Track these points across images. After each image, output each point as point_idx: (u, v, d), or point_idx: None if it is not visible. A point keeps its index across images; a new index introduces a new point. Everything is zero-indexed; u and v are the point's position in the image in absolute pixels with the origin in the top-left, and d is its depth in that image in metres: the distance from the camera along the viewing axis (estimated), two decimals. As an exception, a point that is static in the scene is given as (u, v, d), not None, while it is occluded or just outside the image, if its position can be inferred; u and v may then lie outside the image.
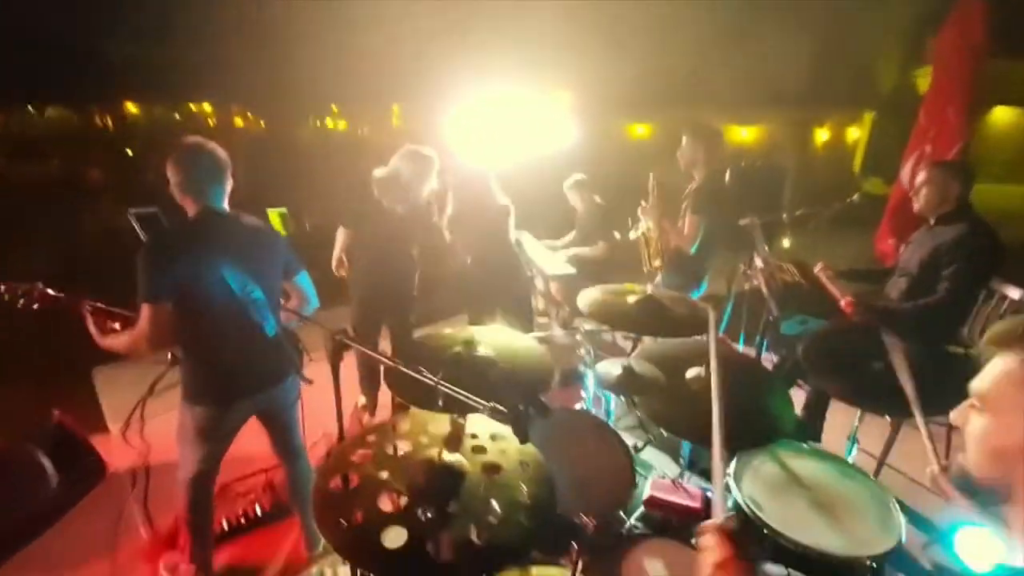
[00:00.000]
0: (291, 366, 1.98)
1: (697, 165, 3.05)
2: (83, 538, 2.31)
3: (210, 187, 1.77)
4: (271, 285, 1.87)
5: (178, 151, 1.77)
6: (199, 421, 1.83)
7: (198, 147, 1.78)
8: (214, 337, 1.79)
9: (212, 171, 1.77)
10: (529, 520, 0.97)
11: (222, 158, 1.81)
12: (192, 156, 1.76)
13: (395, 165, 2.87)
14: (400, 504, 0.95)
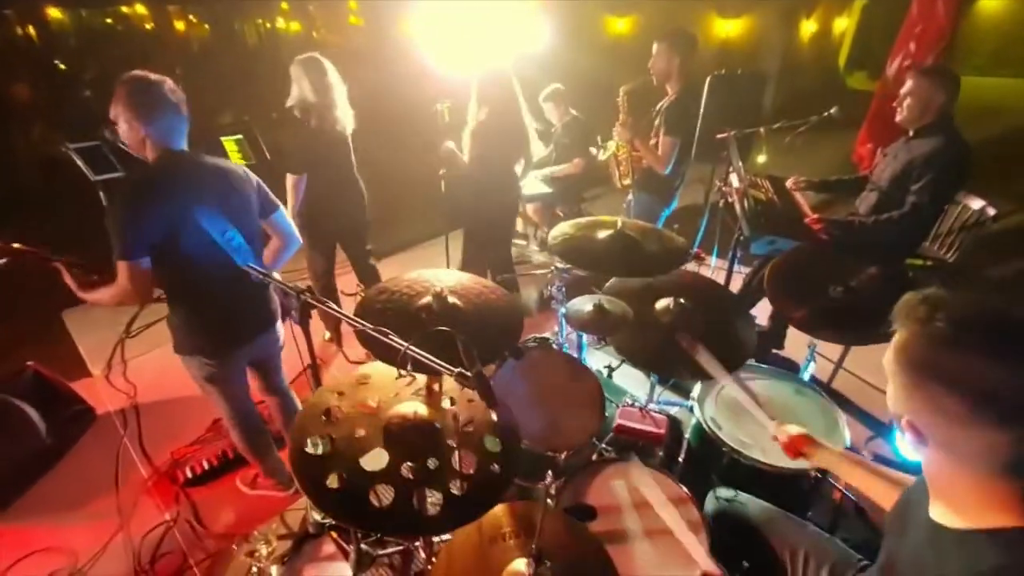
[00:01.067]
0: (278, 310, 1.97)
1: (671, 78, 2.88)
2: (84, 480, 2.41)
3: (167, 126, 1.63)
4: (250, 227, 1.79)
5: (122, 88, 1.60)
6: (201, 371, 1.84)
7: (144, 81, 1.60)
8: (200, 288, 1.74)
9: (166, 107, 1.61)
10: (501, 468, 1.03)
11: (175, 91, 1.65)
12: (140, 92, 1.59)
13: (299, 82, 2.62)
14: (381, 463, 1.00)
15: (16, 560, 2.06)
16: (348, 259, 3.21)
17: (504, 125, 2.80)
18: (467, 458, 1.04)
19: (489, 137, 2.78)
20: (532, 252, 4.48)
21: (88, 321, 3.53)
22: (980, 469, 0.75)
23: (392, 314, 1.27)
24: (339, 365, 3.21)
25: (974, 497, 0.78)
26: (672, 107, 2.90)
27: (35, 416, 2.40)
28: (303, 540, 1.94)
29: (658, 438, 1.69)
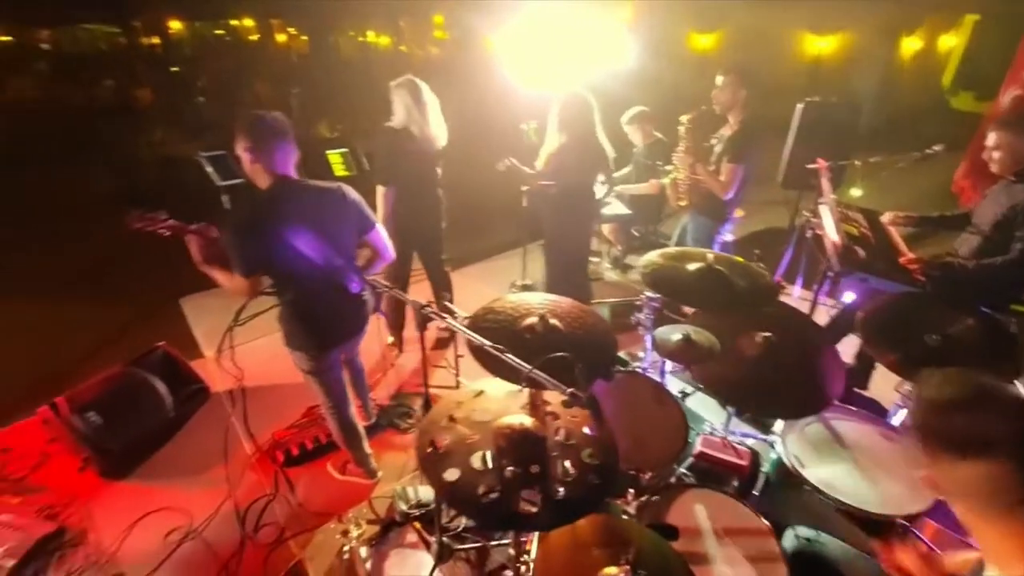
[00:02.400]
0: (369, 315, 2.18)
1: (735, 108, 2.91)
2: (198, 451, 2.72)
3: (278, 154, 1.85)
4: (348, 248, 2.00)
5: (241, 122, 1.83)
6: (302, 363, 2.09)
7: (258, 117, 1.83)
8: (303, 300, 1.98)
9: (277, 137, 1.83)
10: (598, 478, 1.13)
11: (283, 123, 1.87)
12: (255, 124, 1.82)
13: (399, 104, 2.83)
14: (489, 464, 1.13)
15: (141, 516, 2.37)
16: (423, 266, 3.40)
17: (582, 148, 2.93)
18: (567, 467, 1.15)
19: (568, 159, 2.92)
20: (605, 270, 4.54)
21: (202, 308, 3.96)
22: (996, 506, 0.82)
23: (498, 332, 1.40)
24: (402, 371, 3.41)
25: (1008, 544, 0.83)
26: (736, 137, 2.92)
27: (163, 390, 2.75)
28: (389, 527, 2.11)
29: (741, 470, 1.71)
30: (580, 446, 1.21)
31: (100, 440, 2.46)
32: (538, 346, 1.15)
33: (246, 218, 1.83)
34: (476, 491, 1.07)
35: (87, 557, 2.19)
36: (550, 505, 1.06)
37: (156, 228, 2.08)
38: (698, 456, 1.76)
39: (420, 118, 2.82)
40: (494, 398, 1.33)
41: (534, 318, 1.40)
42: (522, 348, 1.21)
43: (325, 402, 2.25)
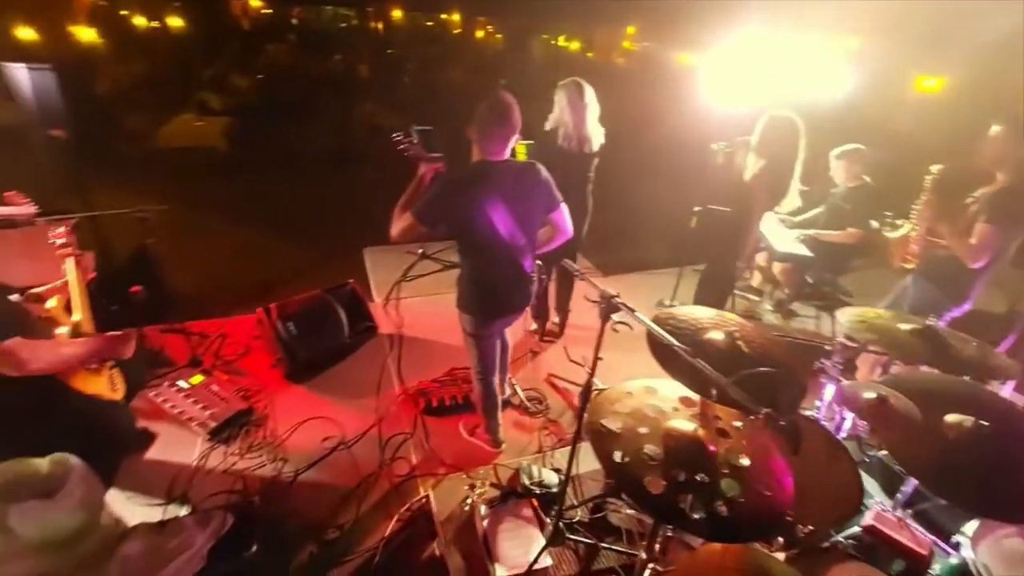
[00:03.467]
0: (533, 295, 2.31)
1: (1005, 163, 2.44)
2: (359, 378, 3.10)
3: (494, 145, 2.01)
4: (533, 228, 2.14)
5: (490, 102, 2.02)
6: (467, 325, 2.28)
7: (497, 109, 1.96)
8: (483, 268, 2.15)
9: (502, 134, 1.99)
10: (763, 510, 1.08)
11: (515, 121, 1.99)
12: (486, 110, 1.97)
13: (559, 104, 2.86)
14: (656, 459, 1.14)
15: (307, 419, 2.77)
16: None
17: (773, 179, 2.74)
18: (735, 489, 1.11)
19: (759, 189, 2.75)
20: (765, 311, 4.22)
21: (379, 260, 4.49)
22: None
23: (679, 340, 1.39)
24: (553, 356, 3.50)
25: None
26: (1001, 194, 2.46)
27: (344, 320, 3.19)
28: (508, 495, 2.22)
29: (916, 557, 1.49)
30: (750, 472, 1.16)
31: (292, 347, 2.94)
32: (717, 363, 1.13)
33: (455, 180, 2.04)
34: (642, 479, 1.09)
35: (264, 438, 2.63)
36: (712, 518, 1.04)
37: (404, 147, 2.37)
38: (867, 528, 1.57)
39: (574, 118, 2.88)
40: (665, 399, 1.34)
41: (719, 334, 1.37)
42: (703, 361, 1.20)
43: (476, 366, 2.42)
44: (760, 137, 2.83)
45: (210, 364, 3.07)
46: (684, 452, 1.14)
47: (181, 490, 2.30)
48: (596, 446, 1.17)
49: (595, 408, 1.28)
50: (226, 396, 2.78)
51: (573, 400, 3.09)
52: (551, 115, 3.00)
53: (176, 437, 2.58)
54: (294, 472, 2.45)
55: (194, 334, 3.19)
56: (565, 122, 2.91)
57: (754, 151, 2.87)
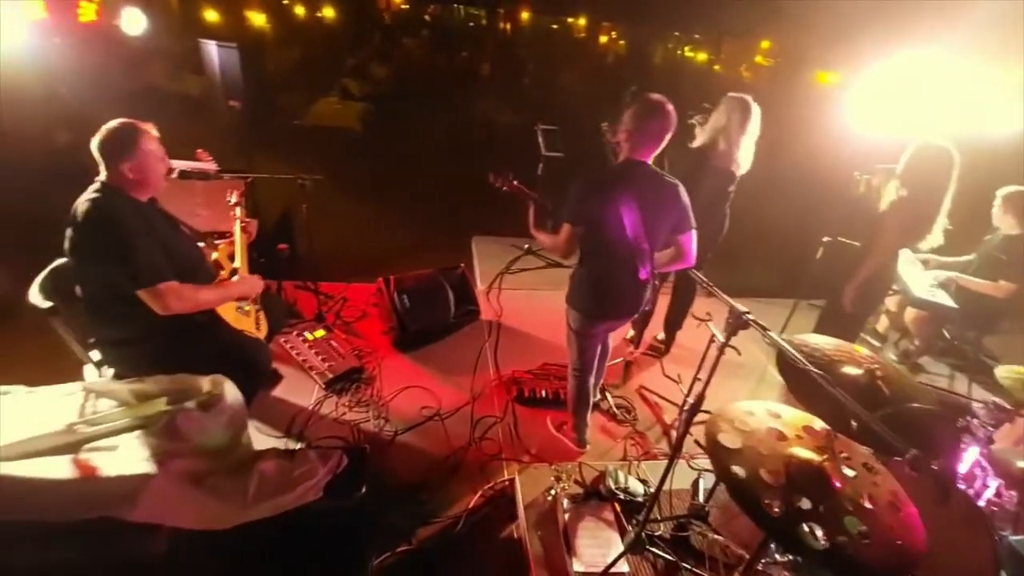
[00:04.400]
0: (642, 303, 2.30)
1: None
2: (458, 357, 3.27)
3: (647, 146, 2.06)
4: (658, 239, 2.14)
5: (642, 104, 2.06)
6: (573, 322, 2.33)
7: (657, 109, 2.01)
8: (600, 266, 2.19)
9: (657, 135, 2.03)
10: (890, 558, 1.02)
11: (670, 122, 2.03)
12: (639, 113, 2.04)
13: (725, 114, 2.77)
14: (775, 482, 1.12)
15: (409, 386, 2.97)
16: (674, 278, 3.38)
17: (915, 211, 2.48)
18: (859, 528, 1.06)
19: (896, 220, 2.51)
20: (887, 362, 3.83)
21: (486, 249, 4.67)
22: None
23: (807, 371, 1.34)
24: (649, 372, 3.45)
25: None
26: None
27: (452, 300, 3.37)
28: (591, 495, 2.24)
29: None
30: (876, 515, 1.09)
31: (404, 317, 3.16)
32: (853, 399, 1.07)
33: (597, 178, 2.10)
34: (759, 497, 1.07)
35: (371, 396, 2.87)
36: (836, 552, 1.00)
37: (504, 186, 2.54)
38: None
39: (735, 137, 2.80)
40: (788, 424, 1.29)
41: (856, 369, 1.29)
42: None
43: (574, 363, 2.46)
44: (907, 165, 2.58)
45: (332, 322, 3.39)
46: (807, 481, 1.10)
47: (298, 428, 2.58)
48: (713, 458, 1.16)
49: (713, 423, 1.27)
50: (343, 353, 3.06)
51: (662, 415, 3.04)
52: (709, 122, 2.94)
53: (297, 381, 2.89)
54: (394, 431, 2.65)
55: (321, 294, 3.54)
56: (728, 138, 2.84)
57: (897, 179, 2.63)
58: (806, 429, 1.26)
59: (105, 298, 1.94)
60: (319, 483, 1.80)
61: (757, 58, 16.08)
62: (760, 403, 1.33)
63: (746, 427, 1.24)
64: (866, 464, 1.18)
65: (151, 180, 2.00)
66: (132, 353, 2.03)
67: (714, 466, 1.16)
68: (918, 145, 2.58)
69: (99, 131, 1.94)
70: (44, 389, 1.92)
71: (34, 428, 1.72)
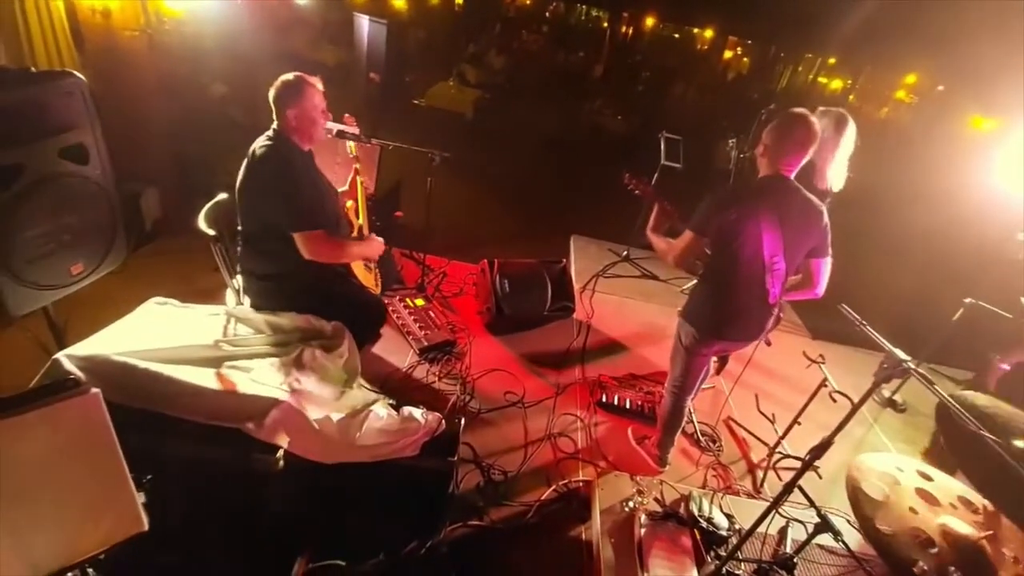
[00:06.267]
0: (764, 330, 2.18)
1: None
2: (545, 349, 3.28)
3: (790, 159, 1.95)
4: (794, 261, 2.02)
5: (784, 116, 1.98)
6: (686, 337, 2.24)
7: (801, 121, 1.92)
8: (728, 283, 2.08)
9: (800, 146, 1.93)
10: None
11: (815, 135, 1.94)
12: (790, 127, 1.94)
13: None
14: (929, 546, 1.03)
15: (496, 368, 3.02)
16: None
17: None
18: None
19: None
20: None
21: (584, 250, 4.65)
22: None
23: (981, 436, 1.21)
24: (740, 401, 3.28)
25: None
26: None
27: (549, 293, 3.39)
28: (671, 516, 2.17)
29: None
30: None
31: (502, 301, 3.22)
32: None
33: (737, 191, 2.03)
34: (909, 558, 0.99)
35: (459, 371, 2.95)
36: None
37: (636, 188, 2.49)
38: None
39: (825, 150, 2.59)
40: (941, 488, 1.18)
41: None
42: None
43: (676, 380, 2.39)
44: None
45: (431, 293, 3.52)
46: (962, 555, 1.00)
47: (392, 386, 2.71)
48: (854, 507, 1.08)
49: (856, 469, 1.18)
50: (439, 324, 3.17)
51: (748, 452, 2.88)
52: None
53: (395, 343, 3.03)
54: (478, 409, 2.71)
55: (425, 265, 3.69)
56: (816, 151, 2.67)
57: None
58: (961, 500, 1.14)
59: (262, 234, 2.13)
60: (417, 441, 1.89)
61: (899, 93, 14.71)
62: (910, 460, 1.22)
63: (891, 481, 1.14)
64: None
65: (313, 131, 2.17)
66: (272, 287, 2.22)
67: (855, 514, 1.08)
68: None
69: (275, 82, 2.12)
70: (194, 307, 2.16)
71: (186, 338, 1.93)
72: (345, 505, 1.93)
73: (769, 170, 2.00)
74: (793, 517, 2.31)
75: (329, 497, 1.91)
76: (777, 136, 1.96)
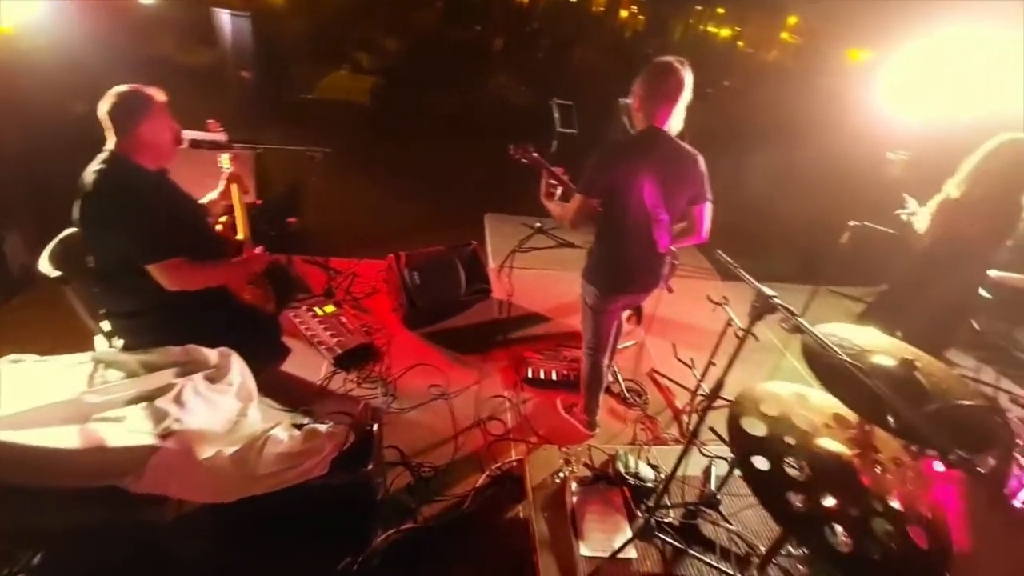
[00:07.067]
0: (662, 279, 2.23)
1: None
2: (467, 335, 3.23)
3: (661, 111, 1.97)
4: (677, 209, 2.06)
5: (651, 68, 1.98)
6: (590, 297, 2.27)
7: (668, 71, 1.94)
8: (619, 239, 2.11)
9: (670, 96, 1.95)
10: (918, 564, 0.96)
11: (683, 82, 1.95)
12: (658, 78, 1.95)
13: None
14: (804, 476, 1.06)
15: (417, 363, 2.94)
16: None
17: (992, 208, 2.33)
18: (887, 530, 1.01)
19: (964, 218, 2.36)
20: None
21: (499, 227, 4.60)
22: None
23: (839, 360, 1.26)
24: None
25: None
26: None
27: (463, 277, 3.32)
28: (600, 478, 2.21)
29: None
30: (907, 517, 1.04)
31: (414, 294, 3.12)
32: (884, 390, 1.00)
33: (615, 148, 2.04)
34: (783, 493, 1.02)
35: (379, 373, 2.84)
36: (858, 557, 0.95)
37: (523, 157, 2.45)
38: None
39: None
40: (816, 410, 1.23)
41: (889, 360, 1.22)
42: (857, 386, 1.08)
43: (589, 341, 2.41)
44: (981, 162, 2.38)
45: (341, 298, 3.36)
46: (832, 476, 1.05)
47: (306, 403, 2.57)
48: (734, 445, 1.11)
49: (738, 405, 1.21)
50: (352, 328, 3.03)
51: (673, 400, 2.99)
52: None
53: (306, 356, 2.86)
54: (402, 409, 2.63)
55: (331, 269, 3.50)
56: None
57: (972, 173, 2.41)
58: (836, 418, 1.20)
59: (115, 270, 1.91)
60: (325, 459, 1.78)
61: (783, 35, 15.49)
62: (788, 385, 1.27)
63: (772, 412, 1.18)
64: (896, 460, 1.12)
65: (160, 148, 1.95)
66: (142, 325, 2.01)
67: (735, 456, 1.10)
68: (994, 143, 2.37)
69: (106, 97, 1.88)
70: (55, 358, 1.91)
71: (44, 397, 1.71)
72: (259, 538, 1.81)
73: (644, 124, 2.01)
74: (715, 455, 2.42)
75: (238, 534, 1.78)
76: (647, 90, 1.97)
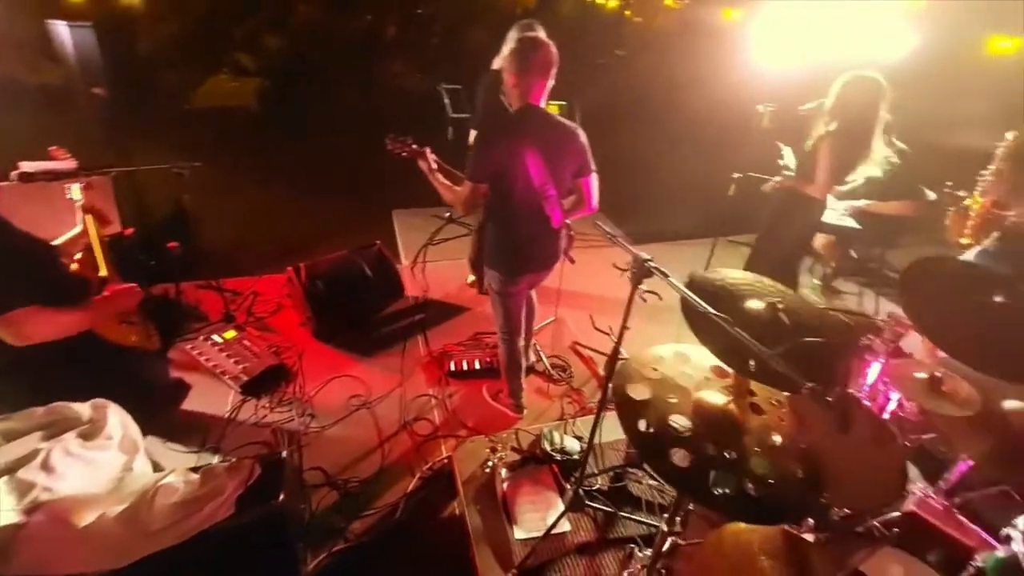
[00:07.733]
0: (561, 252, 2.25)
1: None
2: (385, 337, 3.13)
3: (535, 87, 1.96)
4: (563, 183, 2.08)
5: (518, 45, 1.96)
6: (494, 282, 2.26)
7: (537, 45, 1.93)
8: (512, 219, 2.11)
9: (543, 70, 1.94)
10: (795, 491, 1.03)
11: (554, 55, 1.95)
12: (528, 53, 1.94)
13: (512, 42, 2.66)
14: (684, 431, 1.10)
15: (334, 376, 2.81)
16: None
17: (848, 142, 2.53)
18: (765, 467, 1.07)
19: (827, 152, 2.56)
20: (802, 285, 4.03)
21: (408, 223, 4.48)
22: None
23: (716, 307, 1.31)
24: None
25: None
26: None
27: (371, 280, 3.20)
28: (528, 460, 2.22)
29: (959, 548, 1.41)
30: (782, 451, 1.10)
31: (320, 306, 2.97)
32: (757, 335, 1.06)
33: (493, 133, 2.01)
34: (668, 451, 1.05)
35: (293, 393, 2.70)
36: (740, 498, 1.00)
37: (402, 151, 2.37)
38: (907, 515, 1.50)
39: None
40: (697, 367, 1.28)
41: (758, 303, 1.29)
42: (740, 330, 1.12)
43: (502, 325, 2.40)
44: (835, 99, 2.59)
45: (243, 320, 3.14)
46: (714, 426, 1.09)
47: (214, 440, 2.39)
48: (621, 413, 1.13)
49: (623, 374, 1.23)
50: (258, 352, 2.84)
51: (597, 369, 3.06)
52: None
53: (210, 389, 2.66)
54: (322, 427, 2.51)
55: (227, 291, 3.26)
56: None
57: (828, 113, 2.63)
58: (714, 370, 1.25)
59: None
60: (229, 499, 1.66)
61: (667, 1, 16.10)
62: (669, 346, 1.31)
63: (655, 375, 1.21)
64: (773, 401, 1.19)
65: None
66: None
67: (622, 424, 1.13)
68: (848, 78, 2.58)
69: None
70: None
71: None
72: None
73: (520, 102, 2.00)
74: (638, 416, 2.50)
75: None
76: (520, 66, 1.94)
